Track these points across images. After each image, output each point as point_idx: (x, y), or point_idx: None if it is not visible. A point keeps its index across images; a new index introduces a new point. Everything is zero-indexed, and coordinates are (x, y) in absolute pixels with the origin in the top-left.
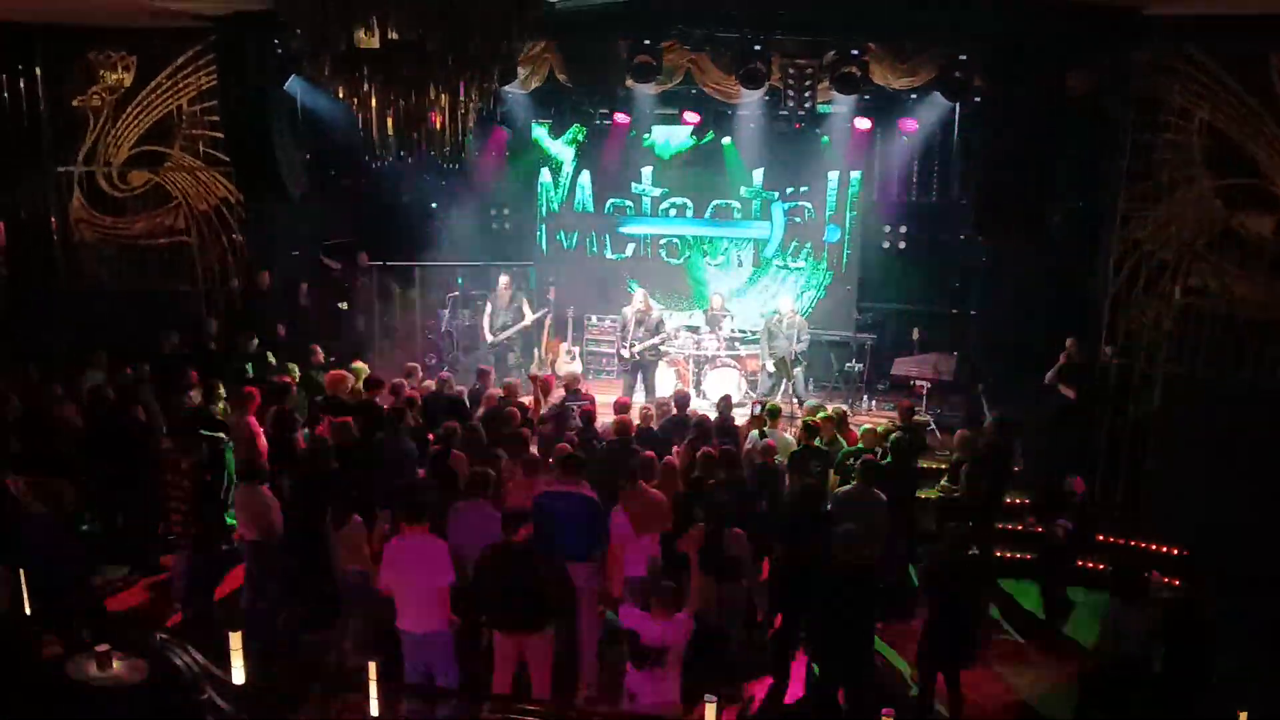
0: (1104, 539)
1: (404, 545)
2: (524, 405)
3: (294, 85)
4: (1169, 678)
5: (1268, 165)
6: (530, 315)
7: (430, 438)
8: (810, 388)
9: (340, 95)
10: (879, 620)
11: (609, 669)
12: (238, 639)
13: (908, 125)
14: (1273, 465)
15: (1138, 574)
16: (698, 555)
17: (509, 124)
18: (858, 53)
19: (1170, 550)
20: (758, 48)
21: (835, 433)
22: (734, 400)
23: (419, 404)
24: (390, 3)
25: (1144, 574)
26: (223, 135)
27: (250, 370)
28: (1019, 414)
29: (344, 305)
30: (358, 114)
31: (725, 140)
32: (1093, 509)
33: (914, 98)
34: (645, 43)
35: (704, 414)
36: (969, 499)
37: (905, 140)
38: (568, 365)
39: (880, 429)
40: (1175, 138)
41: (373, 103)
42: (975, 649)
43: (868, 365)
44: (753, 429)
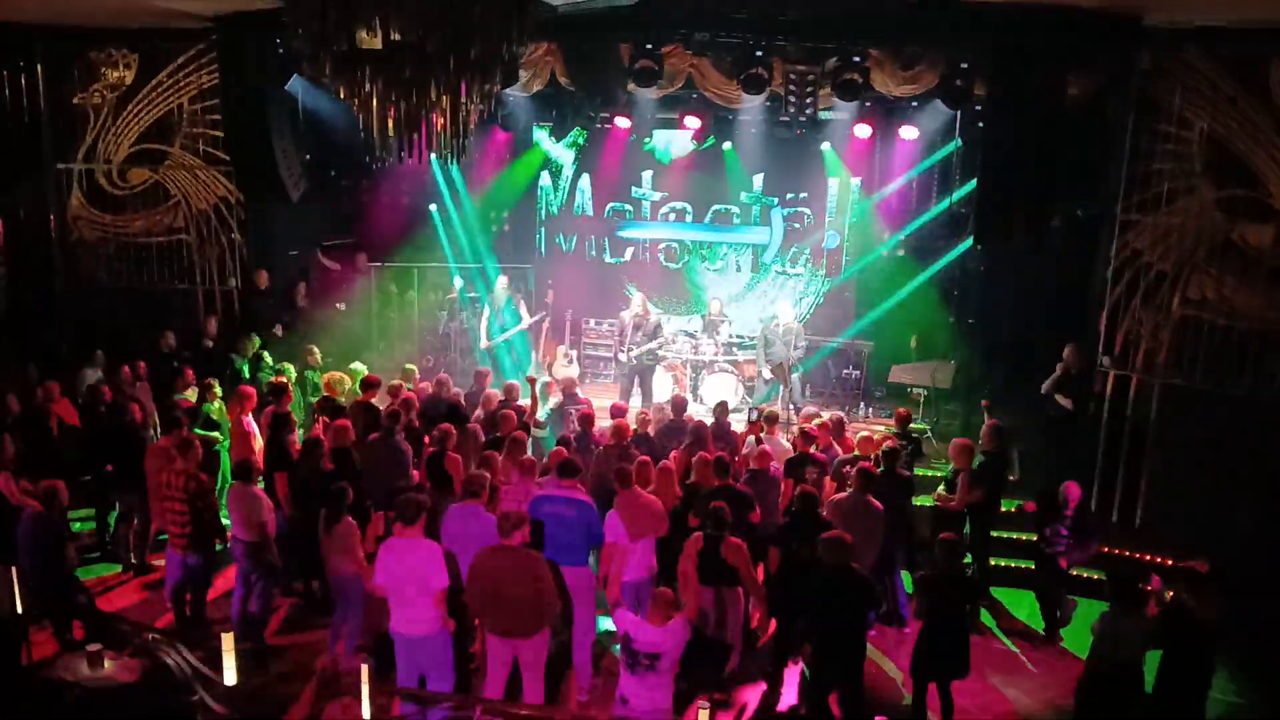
0: (1102, 549)
1: (397, 547)
2: (521, 408)
3: (295, 85)
4: (1166, 685)
5: (1267, 176)
6: (527, 317)
7: (426, 440)
8: (807, 394)
9: (341, 96)
10: (871, 627)
11: (603, 674)
12: (230, 639)
13: (907, 132)
14: (1270, 475)
15: (1135, 582)
16: (695, 562)
17: (510, 126)
18: (859, 59)
19: (1165, 560)
20: (759, 53)
21: (832, 440)
22: (730, 406)
23: (416, 406)
24: (392, 3)
25: (1141, 583)
26: (223, 134)
27: (247, 370)
28: (1016, 422)
29: (342, 305)
30: (358, 114)
31: (726, 145)
32: (1089, 517)
33: (915, 105)
34: (647, 46)
35: (700, 419)
36: (965, 507)
37: (904, 147)
38: (565, 368)
39: (877, 436)
40: (1176, 148)
41: (373, 103)
42: (968, 659)
43: (865, 372)
44: (749, 435)
